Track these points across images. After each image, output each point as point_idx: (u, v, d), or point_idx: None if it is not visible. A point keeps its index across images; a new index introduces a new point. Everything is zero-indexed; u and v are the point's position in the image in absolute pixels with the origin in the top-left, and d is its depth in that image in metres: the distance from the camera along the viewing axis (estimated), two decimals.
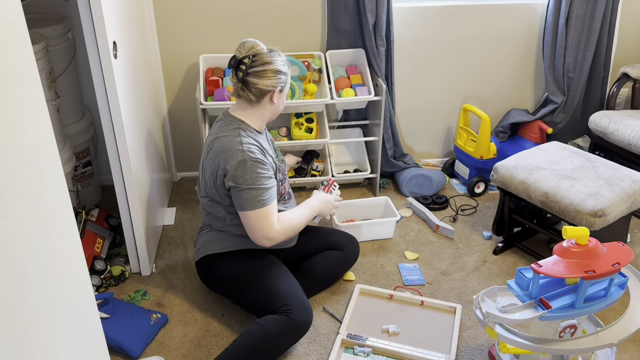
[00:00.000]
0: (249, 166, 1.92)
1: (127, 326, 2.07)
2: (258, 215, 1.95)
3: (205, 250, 2.14)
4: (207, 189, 2.07)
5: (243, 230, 2.07)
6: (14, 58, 1.15)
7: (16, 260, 1.14)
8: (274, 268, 2.09)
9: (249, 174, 1.93)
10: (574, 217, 2.19)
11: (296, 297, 2.00)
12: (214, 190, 2.04)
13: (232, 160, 1.93)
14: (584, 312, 1.64)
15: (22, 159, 1.18)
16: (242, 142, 1.96)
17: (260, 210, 1.95)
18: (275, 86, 2.00)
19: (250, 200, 1.94)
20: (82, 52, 2.69)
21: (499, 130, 3.23)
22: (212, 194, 2.06)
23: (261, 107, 2.03)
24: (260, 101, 2.01)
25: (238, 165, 1.92)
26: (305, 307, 1.99)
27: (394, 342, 2.04)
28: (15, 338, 1.13)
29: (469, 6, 3.01)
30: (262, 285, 2.02)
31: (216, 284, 2.18)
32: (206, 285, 2.23)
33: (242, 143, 1.95)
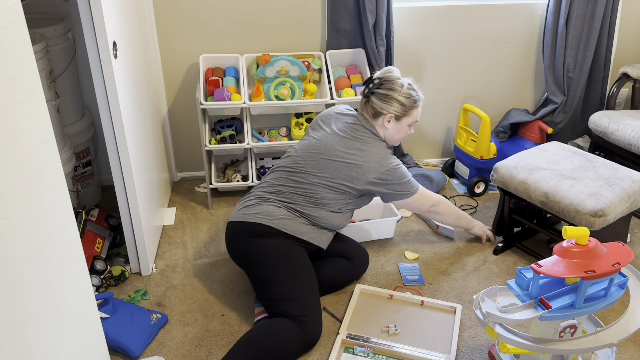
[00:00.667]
0: (401, 167, 2.22)
1: (127, 326, 2.07)
2: (420, 194, 2.29)
3: (271, 220, 2.08)
4: (332, 175, 2.15)
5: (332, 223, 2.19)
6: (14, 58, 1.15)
7: (16, 260, 1.14)
8: (311, 275, 2.07)
9: (404, 172, 2.23)
10: (574, 217, 2.19)
11: (316, 314, 1.99)
12: (343, 184, 2.16)
13: (389, 165, 2.18)
14: (584, 312, 1.64)
15: (22, 159, 1.18)
16: (387, 151, 2.24)
17: (419, 190, 2.30)
18: (391, 112, 2.19)
19: (410, 187, 2.25)
20: (82, 52, 2.69)
21: (499, 130, 3.23)
22: (336, 183, 2.16)
23: (377, 124, 2.23)
24: (375, 119, 2.22)
25: (394, 168, 2.18)
26: (319, 325, 2.00)
27: (394, 342, 2.04)
28: (15, 338, 1.13)
29: (469, 6, 3.01)
30: (292, 286, 2.00)
31: (246, 255, 2.10)
32: (230, 251, 2.18)
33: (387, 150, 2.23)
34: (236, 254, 2.16)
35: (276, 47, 2.91)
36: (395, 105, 2.19)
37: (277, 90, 2.76)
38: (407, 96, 2.19)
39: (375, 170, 2.15)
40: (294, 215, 2.13)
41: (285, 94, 2.76)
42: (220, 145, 2.78)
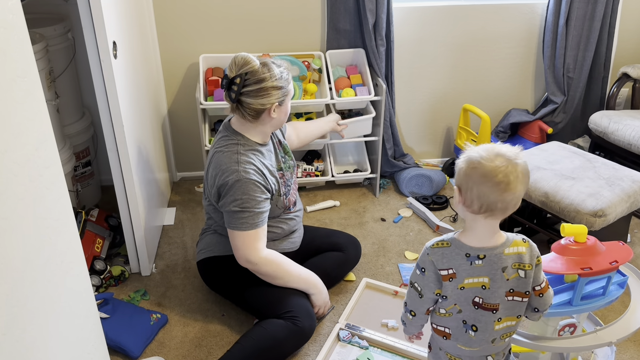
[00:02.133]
0: (241, 187, 1.90)
1: (127, 326, 2.07)
2: (244, 236, 1.94)
3: (209, 251, 2.15)
4: (210, 196, 2.05)
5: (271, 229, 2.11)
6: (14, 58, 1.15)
7: (16, 260, 1.14)
8: None
9: (241, 195, 1.90)
10: (574, 217, 2.19)
11: (302, 304, 2.00)
12: (214, 199, 2.03)
13: (227, 179, 1.91)
14: (581, 309, 1.64)
15: (22, 159, 1.18)
16: (239, 160, 1.93)
17: (247, 232, 1.93)
18: (273, 102, 1.94)
19: (238, 220, 1.92)
20: (82, 52, 2.69)
21: (499, 130, 3.23)
22: (213, 201, 2.05)
23: (260, 123, 1.98)
24: (258, 118, 1.96)
25: (232, 185, 1.90)
26: (310, 313, 2.00)
27: (391, 337, 2.04)
28: (15, 338, 1.13)
29: (468, 6, 3.01)
30: (267, 290, 2.02)
31: (218, 286, 2.18)
32: (208, 285, 2.23)
33: (238, 162, 1.92)
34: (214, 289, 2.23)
35: (276, 47, 2.91)
36: (274, 93, 1.92)
37: None
38: (279, 77, 1.94)
39: (216, 177, 1.95)
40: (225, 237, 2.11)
41: None
42: None
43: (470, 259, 1.35)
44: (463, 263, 1.36)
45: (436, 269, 1.38)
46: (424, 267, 1.40)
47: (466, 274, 1.36)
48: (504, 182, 1.25)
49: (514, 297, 1.38)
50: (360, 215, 2.86)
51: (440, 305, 1.42)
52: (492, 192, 1.26)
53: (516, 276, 1.36)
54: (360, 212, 2.88)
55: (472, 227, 1.36)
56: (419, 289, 1.42)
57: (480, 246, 1.35)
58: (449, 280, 1.37)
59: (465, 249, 1.36)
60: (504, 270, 1.35)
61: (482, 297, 1.37)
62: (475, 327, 1.39)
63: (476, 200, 1.29)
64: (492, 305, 1.37)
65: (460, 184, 1.33)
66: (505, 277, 1.35)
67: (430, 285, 1.40)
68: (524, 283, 1.37)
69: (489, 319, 1.38)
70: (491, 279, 1.35)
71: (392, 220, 2.81)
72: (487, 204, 1.28)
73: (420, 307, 1.45)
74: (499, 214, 1.31)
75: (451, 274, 1.37)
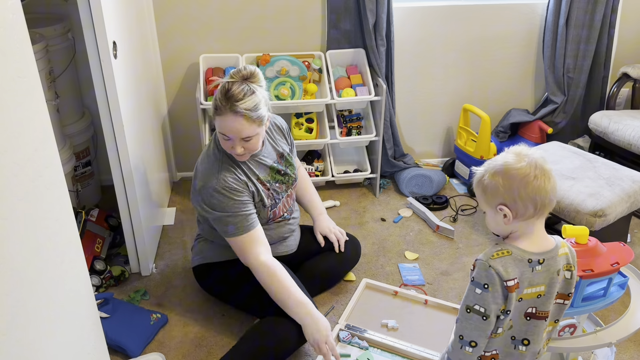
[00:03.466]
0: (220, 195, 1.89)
1: (127, 326, 2.07)
2: (239, 241, 1.93)
3: (202, 258, 2.16)
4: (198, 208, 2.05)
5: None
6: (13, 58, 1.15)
7: (16, 260, 1.14)
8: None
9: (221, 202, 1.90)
10: (574, 217, 2.19)
11: None
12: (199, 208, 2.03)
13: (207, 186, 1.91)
14: (582, 311, 1.64)
15: (22, 159, 1.18)
16: (220, 170, 1.92)
17: (240, 237, 1.92)
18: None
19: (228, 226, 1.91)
20: (82, 52, 2.68)
21: (499, 130, 3.23)
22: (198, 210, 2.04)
23: None
24: None
25: (211, 194, 1.90)
26: None
27: (391, 337, 2.04)
28: (15, 338, 1.13)
29: (468, 6, 3.01)
30: (264, 292, 2.02)
31: (215, 290, 2.19)
32: (205, 290, 2.24)
33: (219, 172, 1.92)
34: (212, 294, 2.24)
35: (276, 47, 2.91)
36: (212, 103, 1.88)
37: (277, 90, 2.76)
38: (215, 97, 1.85)
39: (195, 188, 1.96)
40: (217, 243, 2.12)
41: (286, 94, 2.76)
42: None
43: (532, 265, 1.28)
44: (526, 270, 1.28)
45: (502, 280, 1.26)
46: (486, 282, 1.27)
47: (527, 283, 1.29)
48: (542, 173, 1.25)
49: (557, 300, 1.34)
50: (360, 215, 2.86)
51: (499, 324, 1.30)
52: (541, 186, 1.23)
53: (564, 278, 1.33)
54: (360, 212, 2.88)
55: (527, 233, 1.30)
56: (482, 310, 1.28)
57: (540, 251, 1.30)
58: (514, 291, 1.27)
59: (527, 255, 1.29)
60: (558, 273, 1.31)
61: (536, 306, 1.31)
62: (528, 340, 1.32)
63: (530, 203, 1.24)
64: (544, 312, 1.31)
65: (504, 199, 1.27)
66: (560, 279, 1.32)
67: (497, 302, 1.27)
68: (569, 284, 1.34)
69: (540, 328, 1.31)
70: (547, 284, 1.30)
71: (392, 220, 2.81)
72: (541, 201, 1.24)
73: (484, 332, 1.29)
74: (549, 207, 1.28)
75: (516, 284, 1.27)
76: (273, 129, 2.14)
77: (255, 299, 2.04)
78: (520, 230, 1.31)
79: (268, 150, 2.09)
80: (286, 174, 2.13)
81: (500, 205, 1.28)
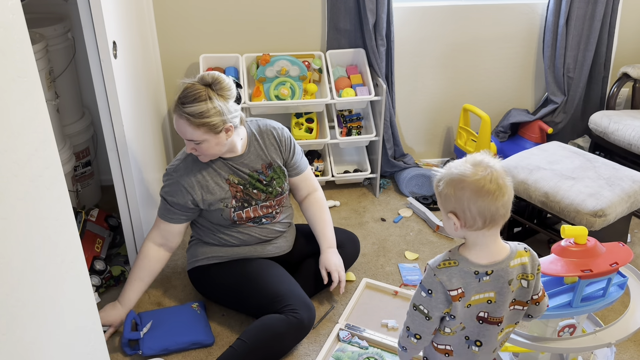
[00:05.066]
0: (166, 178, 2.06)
1: (184, 324, 2.09)
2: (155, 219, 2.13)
3: (195, 261, 2.17)
4: None
5: (229, 240, 2.10)
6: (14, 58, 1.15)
7: (16, 260, 1.14)
8: (270, 271, 2.09)
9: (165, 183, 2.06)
10: (574, 217, 2.19)
11: (298, 296, 2.00)
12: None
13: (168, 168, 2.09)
14: (581, 311, 1.64)
15: (22, 159, 1.18)
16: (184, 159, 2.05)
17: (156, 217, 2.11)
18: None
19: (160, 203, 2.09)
20: (82, 52, 2.68)
21: (499, 130, 3.23)
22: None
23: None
24: None
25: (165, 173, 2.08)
26: (308, 305, 2.00)
27: (391, 337, 2.04)
28: (15, 338, 1.13)
29: (469, 6, 3.01)
30: (262, 290, 2.02)
31: (212, 293, 2.19)
32: (201, 294, 2.24)
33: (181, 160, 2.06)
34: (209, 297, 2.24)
35: (276, 47, 2.91)
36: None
37: (277, 90, 2.76)
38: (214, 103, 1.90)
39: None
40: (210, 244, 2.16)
41: (286, 94, 2.76)
42: None
43: (479, 276, 1.31)
44: (472, 281, 1.31)
45: (445, 289, 1.31)
46: (430, 288, 1.33)
47: (474, 292, 1.32)
48: (497, 188, 1.23)
49: (515, 307, 1.37)
50: (360, 215, 2.86)
51: (447, 325, 1.36)
52: (491, 202, 1.23)
53: (519, 286, 1.35)
54: (360, 212, 2.88)
55: (477, 244, 1.31)
56: (425, 311, 1.35)
57: (488, 262, 1.31)
58: (458, 300, 1.31)
59: (473, 267, 1.30)
60: (510, 283, 1.32)
61: (488, 312, 1.34)
62: (480, 342, 1.36)
63: (478, 217, 1.25)
64: (497, 318, 1.34)
65: (454, 208, 1.28)
66: (511, 290, 1.33)
67: (439, 307, 1.33)
68: (526, 292, 1.36)
69: (493, 332, 1.36)
70: (497, 292, 1.32)
71: (392, 220, 2.81)
72: (490, 216, 1.25)
73: (428, 329, 1.37)
74: (501, 221, 1.28)
75: (460, 293, 1.31)
76: (266, 138, 2.12)
77: (252, 300, 2.04)
78: (469, 240, 1.32)
79: (250, 158, 2.07)
80: (269, 185, 2.10)
81: (450, 213, 1.28)
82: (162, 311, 2.18)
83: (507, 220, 1.30)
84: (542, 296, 1.41)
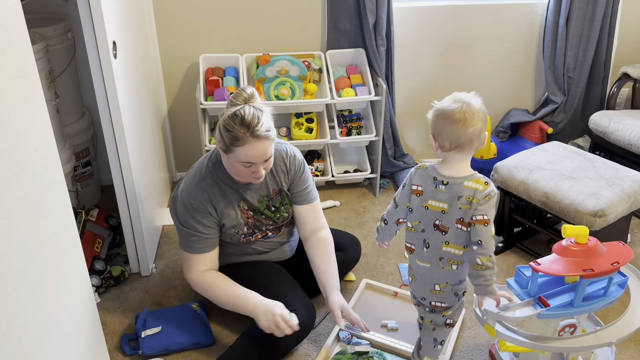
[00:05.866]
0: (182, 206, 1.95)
1: (185, 325, 2.09)
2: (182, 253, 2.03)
3: None
4: None
5: (233, 251, 2.10)
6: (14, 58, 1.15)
7: (16, 260, 1.14)
8: (271, 271, 2.09)
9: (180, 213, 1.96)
10: (574, 217, 2.19)
11: (299, 298, 2.00)
12: None
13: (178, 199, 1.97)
14: (583, 310, 1.64)
15: (22, 159, 1.18)
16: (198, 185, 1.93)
17: (182, 251, 2.02)
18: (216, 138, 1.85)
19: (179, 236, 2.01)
20: (82, 52, 2.69)
21: (499, 130, 3.23)
22: None
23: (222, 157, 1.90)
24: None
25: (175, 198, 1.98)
26: (309, 306, 2.00)
27: (391, 338, 2.04)
28: (15, 338, 1.13)
29: (468, 6, 3.01)
30: (263, 290, 2.02)
31: None
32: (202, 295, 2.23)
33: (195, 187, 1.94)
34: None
35: (276, 47, 2.91)
36: (219, 134, 1.81)
37: (277, 90, 2.76)
38: (228, 129, 1.77)
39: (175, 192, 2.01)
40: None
41: (286, 94, 2.76)
42: None
43: (436, 182, 1.64)
44: (430, 184, 1.66)
45: (411, 182, 1.70)
46: (405, 182, 1.73)
47: (430, 195, 1.65)
48: (463, 119, 1.53)
49: (460, 226, 1.62)
50: (360, 215, 2.86)
51: (408, 219, 1.73)
52: (456, 129, 1.54)
53: (467, 208, 1.60)
54: (360, 212, 2.88)
55: (447, 161, 1.63)
56: (396, 200, 1.75)
57: (448, 175, 1.63)
58: (416, 195, 1.68)
59: (435, 174, 1.65)
60: (459, 199, 1.61)
61: (441, 220, 1.66)
62: (428, 244, 1.69)
63: (446, 139, 1.57)
64: (445, 227, 1.65)
65: (434, 131, 1.62)
66: (459, 206, 1.61)
67: (404, 198, 1.72)
68: (467, 214, 1.61)
69: (438, 239, 1.67)
70: (449, 205, 1.63)
71: None
72: (454, 140, 1.56)
73: (393, 217, 1.76)
74: (466, 148, 1.58)
75: (419, 190, 1.68)
76: (277, 161, 2.02)
77: None
78: (443, 158, 1.66)
79: (262, 183, 2.01)
80: (277, 211, 2.07)
81: (432, 135, 1.64)
82: (162, 311, 2.18)
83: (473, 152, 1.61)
84: (481, 222, 1.59)
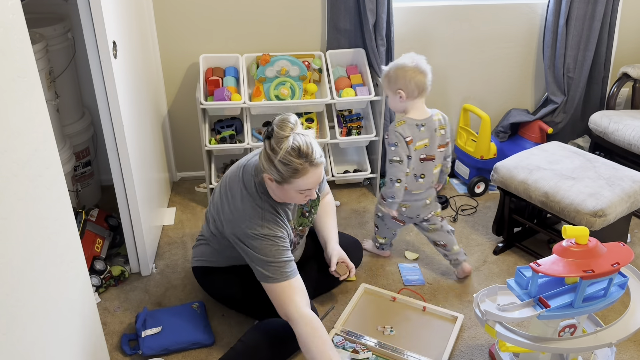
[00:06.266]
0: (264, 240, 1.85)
1: (184, 325, 2.09)
2: (277, 289, 1.85)
3: (203, 261, 2.16)
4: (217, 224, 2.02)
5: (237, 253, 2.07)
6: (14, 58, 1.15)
7: (16, 260, 1.14)
8: None
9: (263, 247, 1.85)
10: (574, 217, 2.19)
11: None
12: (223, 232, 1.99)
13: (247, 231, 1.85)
14: (583, 311, 1.64)
15: (22, 159, 1.18)
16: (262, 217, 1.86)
17: (279, 284, 1.84)
18: (268, 172, 1.81)
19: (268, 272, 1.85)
20: (82, 52, 2.69)
21: (499, 130, 3.23)
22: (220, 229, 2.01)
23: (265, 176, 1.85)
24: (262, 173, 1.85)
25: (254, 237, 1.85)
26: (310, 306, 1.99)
27: (388, 343, 2.03)
28: (16, 338, 1.13)
29: (468, 6, 3.01)
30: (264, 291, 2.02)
31: (214, 292, 2.19)
32: (204, 290, 2.24)
33: (262, 218, 1.86)
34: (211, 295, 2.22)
35: (276, 47, 2.91)
36: (274, 169, 1.77)
37: (277, 90, 2.76)
38: (286, 162, 1.74)
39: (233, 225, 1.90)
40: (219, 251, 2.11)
41: (286, 94, 2.76)
42: (220, 145, 2.78)
43: (418, 127, 2.13)
44: (415, 131, 2.13)
45: (404, 137, 2.11)
46: (396, 141, 2.12)
47: (418, 138, 2.14)
48: (425, 70, 2.10)
49: (440, 149, 2.20)
50: (360, 215, 2.86)
51: (407, 166, 2.15)
52: (421, 78, 2.09)
53: (440, 135, 2.18)
54: (360, 212, 2.88)
55: (414, 108, 2.13)
56: (398, 158, 2.13)
57: (422, 118, 2.14)
58: (411, 143, 2.12)
59: (415, 121, 2.13)
60: (435, 131, 2.17)
61: (426, 153, 2.17)
62: (423, 174, 2.20)
63: (415, 88, 2.08)
64: (431, 156, 2.18)
65: (400, 86, 2.09)
66: (438, 135, 2.17)
67: (404, 151, 2.11)
68: (444, 138, 2.21)
69: (430, 166, 2.20)
70: (429, 138, 2.16)
71: None
72: (421, 87, 2.09)
73: (402, 172, 2.14)
74: (424, 93, 2.11)
75: (410, 140, 2.12)
76: None
77: (255, 302, 2.04)
78: (409, 107, 2.12)
79: None
80: (310, 214, 2.09)
81: (398, 90, 2.09)
82: (162, 311, 2.18)
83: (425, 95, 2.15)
84: (449, 143, 2.25)
